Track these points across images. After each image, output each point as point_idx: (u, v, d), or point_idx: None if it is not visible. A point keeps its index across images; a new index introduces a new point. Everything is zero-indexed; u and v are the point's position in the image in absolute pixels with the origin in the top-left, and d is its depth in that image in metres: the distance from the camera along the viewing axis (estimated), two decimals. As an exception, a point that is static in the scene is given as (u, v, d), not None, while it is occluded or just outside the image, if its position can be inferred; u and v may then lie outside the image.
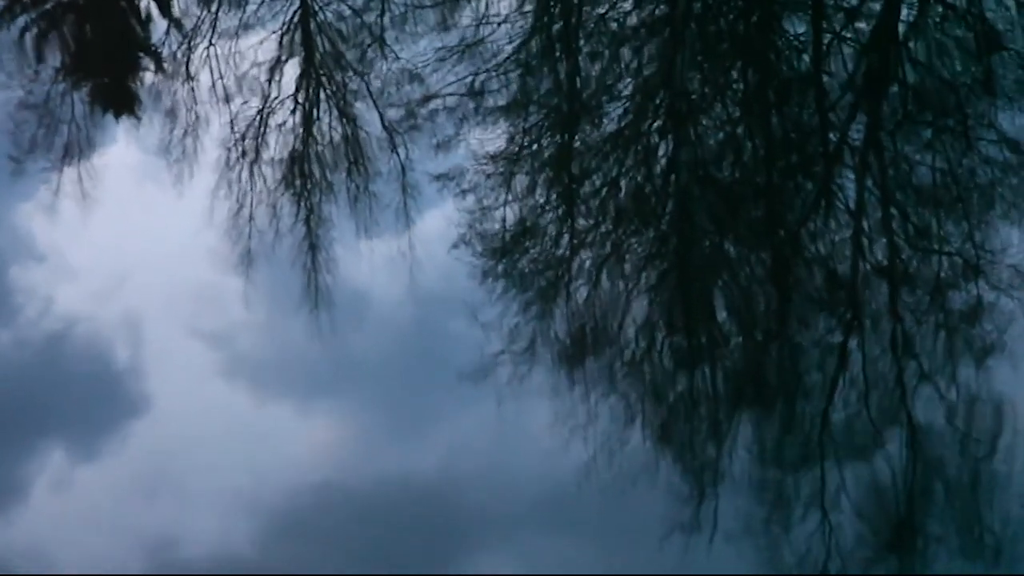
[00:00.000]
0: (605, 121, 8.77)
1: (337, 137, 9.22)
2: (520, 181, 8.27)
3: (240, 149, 9.14)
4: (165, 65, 10.42)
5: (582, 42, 9.74)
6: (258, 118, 9.46)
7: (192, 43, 10.54)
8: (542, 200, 8.11)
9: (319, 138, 9.26)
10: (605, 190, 8.09)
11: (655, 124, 8.75)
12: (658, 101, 8.95)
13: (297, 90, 9.74)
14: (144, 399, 6.79)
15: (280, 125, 9.39)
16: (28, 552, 5.78)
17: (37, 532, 5.94)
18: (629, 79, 9.20)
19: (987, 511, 5.55)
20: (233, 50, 10.31)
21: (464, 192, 8.25)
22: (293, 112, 9.52)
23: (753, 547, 5.50)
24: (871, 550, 5.49)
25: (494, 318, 7.03)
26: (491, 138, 8.70)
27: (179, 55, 10.45)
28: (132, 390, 6.88)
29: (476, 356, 6.70)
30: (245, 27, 10.59)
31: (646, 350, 6.75)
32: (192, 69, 10.23)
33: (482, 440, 6.21)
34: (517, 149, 8.59)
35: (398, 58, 9.79)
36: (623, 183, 8.15)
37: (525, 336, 6.89)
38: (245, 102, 9.65)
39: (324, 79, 9.94)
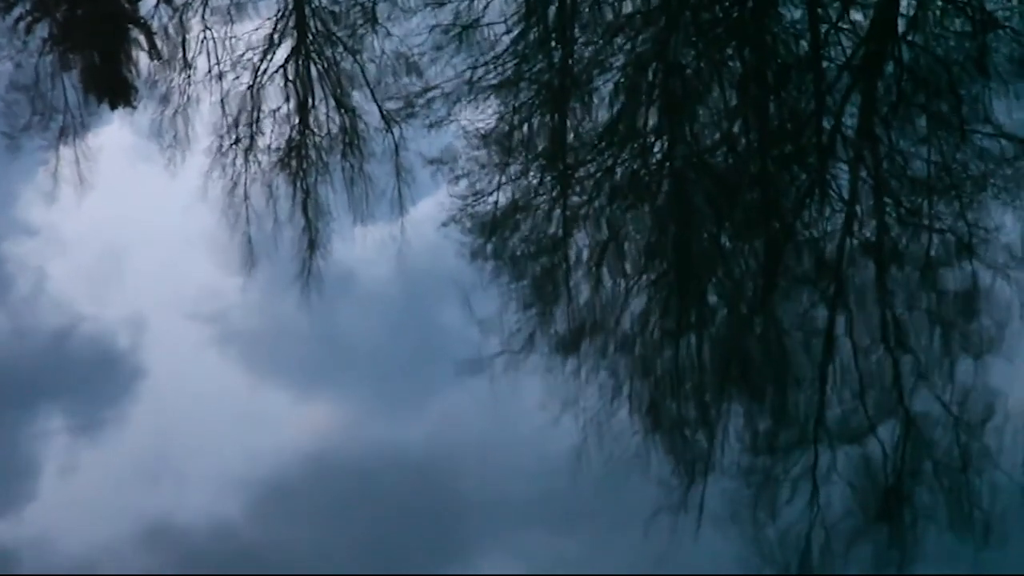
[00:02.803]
0: (599, 104, 8.77)
1: (332, 120, 9.22)
2: (514, 163, 8.28)
3: (234, 131, 9.14)
4: (159, 46, 10.43)
5: (577, 25, 9.75)
6: (252, 100, 9.46)
7: (186, 25, 10.56)
8: (535, 182, 8.12)
9: (314, 121, 9.26)
10: (599, 173, 8.09)
11: (649, 107, 8.75)
12: (653, 84, 8.95)
13: (292, 73, 9.73)
14: (140, 380, 6.80)
15: (274, 107, 9.39)
16: (26, 535, 5.77)
17: (31, 514, 5.94)
18: (624, 62, 9.20)
19: (978, 494, 5.56)
20: (228, 32, 10.32)
21: (457, 174, 8.26)
22: (287, 95, 9.52)
23: (745, 526, 5.51)
24: (863, 532, 5.50)
25: (488, 299, 7.03)
26: (485, 119, 8.70)
27: (174, 37, 10.46)
28: (127, 371, 6.88)
29: (470, 337, 6.71)
30: (240, 9, 10.60)
31: (640, 332, 6.75)
32: (187, 51, 10.24)
33: (476, 420, 6.22)
34: (511, 131, 8.60)
35: (393, 40, 9.80)
36: (617, 166, 8.15)
37: (519, 318, 6.89)
38: (239, 84, 9.66)
39: (319, 62, 9.93)
